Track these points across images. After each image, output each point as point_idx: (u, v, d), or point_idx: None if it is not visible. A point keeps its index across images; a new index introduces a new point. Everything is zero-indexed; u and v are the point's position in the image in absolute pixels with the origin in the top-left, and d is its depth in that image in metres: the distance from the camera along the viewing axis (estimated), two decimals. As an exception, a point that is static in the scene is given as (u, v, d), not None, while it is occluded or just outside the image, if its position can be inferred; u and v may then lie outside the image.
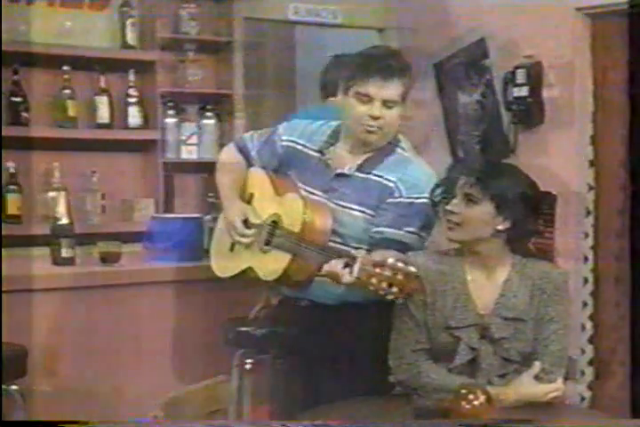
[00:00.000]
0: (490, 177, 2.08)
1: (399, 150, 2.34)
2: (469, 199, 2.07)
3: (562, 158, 3.64)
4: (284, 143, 2.43)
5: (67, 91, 3.81)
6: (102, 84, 3.89)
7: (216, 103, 4.17)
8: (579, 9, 3.52)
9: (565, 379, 2.17)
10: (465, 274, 2.13)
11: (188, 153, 4.07)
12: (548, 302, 2.09)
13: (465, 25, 3.95)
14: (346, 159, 2.33)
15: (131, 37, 3.94)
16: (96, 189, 3.83)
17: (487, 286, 2.11)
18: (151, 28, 3.96)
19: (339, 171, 2.32)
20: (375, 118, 2.23)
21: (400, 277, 1.93)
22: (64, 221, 3.09)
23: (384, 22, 4.34)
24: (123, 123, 3.95)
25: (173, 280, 3.10)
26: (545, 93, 3.65)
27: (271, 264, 2.29)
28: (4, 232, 3.53)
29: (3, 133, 3.61)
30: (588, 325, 3.54)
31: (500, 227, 2.07)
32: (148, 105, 3.98)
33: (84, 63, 3.80)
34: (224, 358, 2.82)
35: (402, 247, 2.19)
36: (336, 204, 2.30)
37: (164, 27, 4.00)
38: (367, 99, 2.22)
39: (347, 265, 2.04)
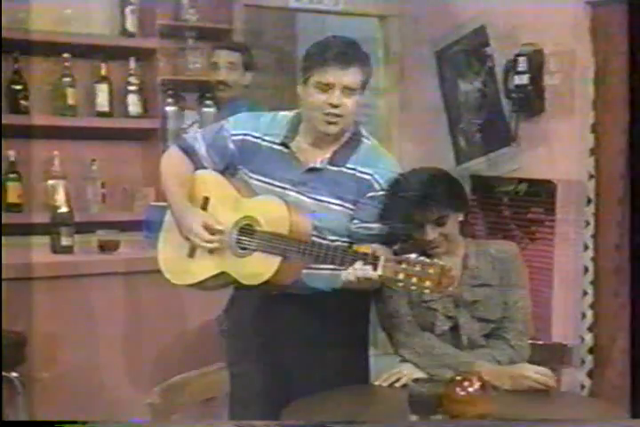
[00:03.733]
0: (439, 195, 2.21)
1: (365, 141, 2.33)
2: (439, 222, 2.23)
3: (562, 147, 3.63)
4: (236, 137, 2.34)
5: (66, 79, 3.80)
6: (102, 72, 3.89)
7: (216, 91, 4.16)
8: (580, -4, 3.50)
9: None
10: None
11: (189, 141, 4.07)
12: (508, 268, 2.31)
13: (466, 13, 3.94)
14: (312, 152, 2.29)
15: (130, 25, 3.93)
16: (96, 177, 3.84)
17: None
18: (151, 15, 3.95)
19: (311, 165, 2.28)
20: (335, 106, 2.20)
21: (432, 271, 1.94)
22: (63, 209, 3.10)
23: (385, 10, 4.33)
24: (123, 111, 3.94)
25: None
26: (546, 81, 3.64)
27: (254, 268, 2.20)
28: (4, 221, 3.54)
29: (3, 121, 3.62)
30: (589, 313, 3.54)
31: (460, 219, 2.29)
32: (148, 93, 3.97)
33: (83, 51, 3.80)
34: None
35: (388, 240, 2.22)
36: (310, 197, 2.26)
37: (163, 14, 3.99)
38: (326, 87, 2.20)
39: (367, 263, 2.03)
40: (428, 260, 1.98)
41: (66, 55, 3.78)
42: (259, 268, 2.19)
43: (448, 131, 4.12)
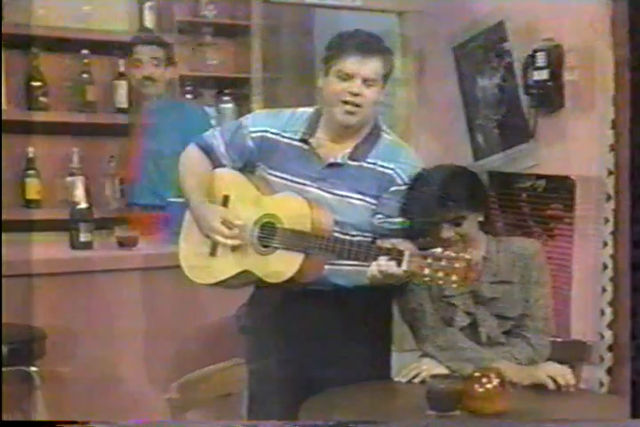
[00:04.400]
0: (466, 196, 2.22)
1: (385, 135, 2.33)
2: (457, 221, 2.22)
3: (582, 142, 3.60)
4: (255, 135, 2.35)
5: (85, 75, 3.85)
6: (121, 69, 3.90)
7: (234, 87, 4.18)
8: (599, -10, 3.47)
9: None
10: None
11: (207, 137, 4.08)
12: (529, 265, 2.31)
13: (484, 8, 3.91)
14: (332, 148, 2.30)
15: (148, 21, 3.96)
16: (114, 173, 3.86)
17: None
18: (169, 11, 3.97)
19: (331, 160, 2.28)
20: (355, 95, 2.21)
21: (458, 265, 1.94)
22: (82, 205, 3.11)
23: (403, 5, 4.31)
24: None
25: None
26: (565, 77, 3.61)
27: (276, 266, 2.22)
28: (23, 217, 3.57)
29: (22, 118, 3.65)
30: (608, 310, 3.51)
31: (480, 219, 2.29)
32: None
33: (102, 47, 3.82)
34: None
35: (412, 235, 2.22)
36: (330, 193, 2.27)
37: (181, 10, 4.01)
38: (347, 76, 2.21)
39: (392, 259, 2.04)
40: (453, 254, 1.98)
41: (84, 52, 3.81)
42: (281, 266, 2.20)
43: (466, 127, 4.11)
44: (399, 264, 2.01)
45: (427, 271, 1.97)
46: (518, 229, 3.83)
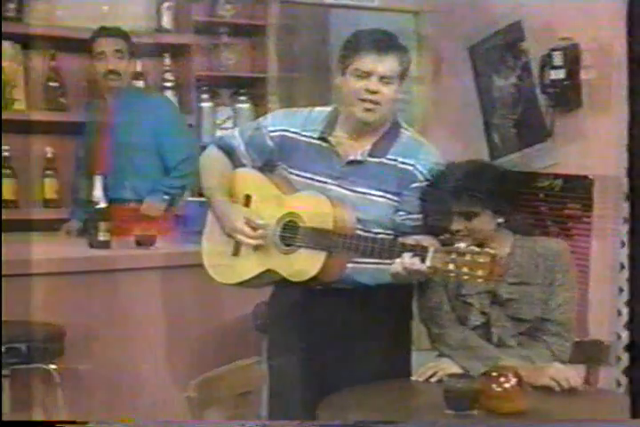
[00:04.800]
0: (480, 190, 2.19)
1: (404, 131, 2.33)
2: (468, 215, 2.19)
3: (599, 142, 3.59)
4: (274, 134, 2.36)
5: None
6: (138, 69, 3.92)
7: (250, 87, 4.19)
8: (617, -11, 3.46)
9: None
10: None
11: (223, 137, 4.09)
12: (552, 267, 2.25)
13: (501, 7, 3.91)
14: (351, 145, 2.30)
15: (166, 21, 3.97)
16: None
17: None
18: (186, 11, 3.98)
19: (351, 157, 2.28)
20: (372, 92, 2.22)
21: (483, 260, 1.93)
22: (101, 205, 3.12)
23: (419, 5, 4.32)
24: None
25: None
26: (582, 76, 3.61)
27: (300, 265, 2.22)
28: (41, 216, 3.60)
29: (41, 118, 3.68)
30: (624, 310, 3.51)
31: (500, 220, 2.24)
32: (183, 89, 4.01)
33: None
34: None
35: (435, 231, 2.20)
36: (351, 190, 2.27)
37: (199, 10, 4.02)
38: (364, 74, 2.21)
39: (416, 255, 2.03)
40: (477, 248, 1.97)
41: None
42: (304, 264, 2.20)
43: (482, 126, 4.11)
44: (423, 260, 2.01)
45: (451, 267, 1.96)
46: (536, 228, 3.83)
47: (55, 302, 2.83)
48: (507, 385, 1.94)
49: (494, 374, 1.97)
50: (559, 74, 3.62)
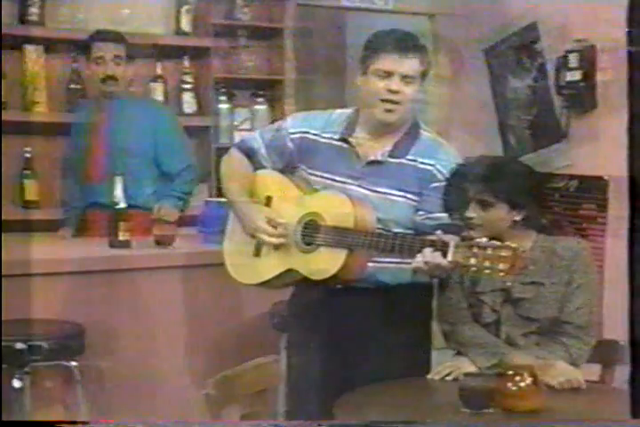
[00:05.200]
0: (496, 180, 2.20)
1: (423, 132, 2.35)
2: (483, 204, 2.20)
3: (614, 143, 3.59)
4: (295, 136, 2.38)
5: (123, 77, 3.89)
6: (158, 71, 3.97)
7: (268, 89, 4.23)
8: (632, -9, 3.47)
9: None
10: None
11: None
12: (569, 266, 2.23)
13: (517, 9, 3.92)
14: (371, 146, 2.32)
15: (185, 24, 4.02)
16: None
17: None
18: (205, 14, 4.02)
19: (371, 158, 2.30)
20: (394, 92, 2.24)
21: (504, 253, 1.94)
22: (121, 205, 3.14)
23: (435, 8, 4.33)
24: (178, 109, 4.03)
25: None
26: (598, 77, 3.61)
27: (321, 263, 2.23)
28: (59, 216, 3.63)
29: (62, 120, 3.71)
30: (640, 310, 3.51)
31: (516, 218, 2.24)
32: (201, 91, 4.05)
33: (139, 50, 3.87)
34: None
35: (455, 230, 2.21)
36: (371, 190, 2.29)
37: (217, 13, 4.06)
38: (386, 74, 2.23)
39: (437, 250, 2.04)
40: (498, 242, 1.97)
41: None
42: (325, 263, 2.22)
43: (497, 127, 4.12)
44: (444, 255, 2.02)
45: (473, 261, 1.97)
46: (556, 228, 3.84)
47: (76, 300, 2.85)
48: (522, 384, 1.95)
49: (510, 372, 1.97)
50: (575, 75, 3.63)
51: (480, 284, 2.26)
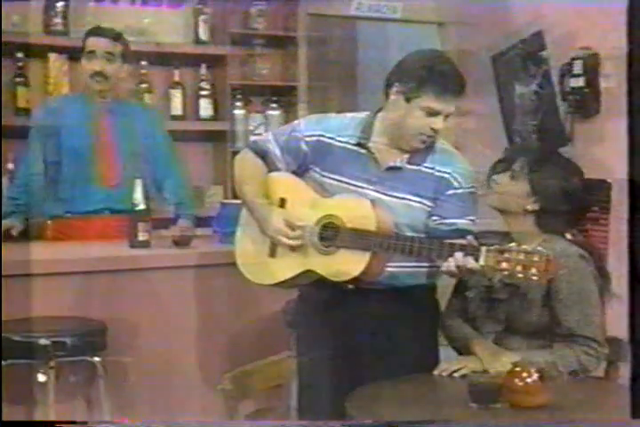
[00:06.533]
0: (537, 162, 2.28)
1: (439, 143, 2.38)
2: (512, 175, 2.27)
3: (617, 147, 3.66)
4: (310, 138, 2.37)
5: (143, 85, 4.01)
6: (176, 78, 4.08)
7: (282, 95, 4.32)
8: (636, 0, 3.53)
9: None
10: None
11: (256, 142, 4.22)
12: (561, 276, 2.18)
13: (524, 18, 3.98)
14: (390, 152, 2.34)
15: (203, 33, 4.12)
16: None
17: None
18: (222, 24, 4.12)
19: (390, 164, 2.32)
20: (436, 131, 2.29)
21: (536, 258, 1.96)
22: (141, 206, 3.18)
23: (443, 17, 4.36)
24: (195, 114, 4.13)
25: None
26: (601, 83, 3.66)
27: (342, 265, 2.23)
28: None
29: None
30: (643, 310, 3.56)
31: (528, 207, 2.28)
32: (218, 97, 4.15)
33: (159, 58, 3.97)
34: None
35: (469, 235, 2.22)
36: (388, 195, 2.31)
37: (234, 23, 4.15)
38: (434, 112, 2.25)
39: (468, 254, 2.06)
40: (529, 248, 2.00)
41: (143, 63, 3.98)
42: (347, 265, 2.22)
43: (504, 132, 4.19)
44: (476, 260, 2.04)
45: (504, 266, 1.99)
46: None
47: (99, 299, 2.92)
48: (529, 380, 1.98)
49: (517, 369, 2.01)
50: (579, 82, 3.67)
51: (470, 280, 2.29)
